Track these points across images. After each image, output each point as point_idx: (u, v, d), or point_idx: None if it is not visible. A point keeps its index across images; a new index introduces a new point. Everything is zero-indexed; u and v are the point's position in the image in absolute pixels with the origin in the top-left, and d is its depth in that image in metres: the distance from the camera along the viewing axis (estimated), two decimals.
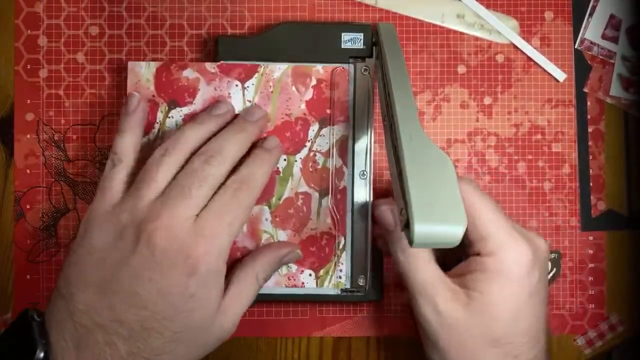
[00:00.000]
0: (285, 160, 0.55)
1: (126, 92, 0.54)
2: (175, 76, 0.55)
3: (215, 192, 0.48)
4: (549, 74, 0.58)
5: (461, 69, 0.58)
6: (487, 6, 0.58)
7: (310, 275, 0.55)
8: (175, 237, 0.45)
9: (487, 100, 0.58)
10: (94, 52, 0.57)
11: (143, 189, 0.47)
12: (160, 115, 0.54)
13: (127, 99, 0.52)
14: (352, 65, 0.55)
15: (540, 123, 0.58)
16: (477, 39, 0.58)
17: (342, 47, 0.55)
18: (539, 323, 0.48)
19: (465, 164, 0.57)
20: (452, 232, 0.38)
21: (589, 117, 0.58)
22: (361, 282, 0.55)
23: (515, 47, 0.58)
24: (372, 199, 0.54)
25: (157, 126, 0.54)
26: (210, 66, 0.55)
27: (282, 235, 0.55)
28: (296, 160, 0.55)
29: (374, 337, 0.58)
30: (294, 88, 0.55)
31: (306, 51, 0.55)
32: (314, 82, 0.55)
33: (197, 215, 0.46)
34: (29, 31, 0.57)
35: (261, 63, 0.55)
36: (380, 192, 0.57)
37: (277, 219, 0.55)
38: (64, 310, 0.45)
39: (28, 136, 0.57)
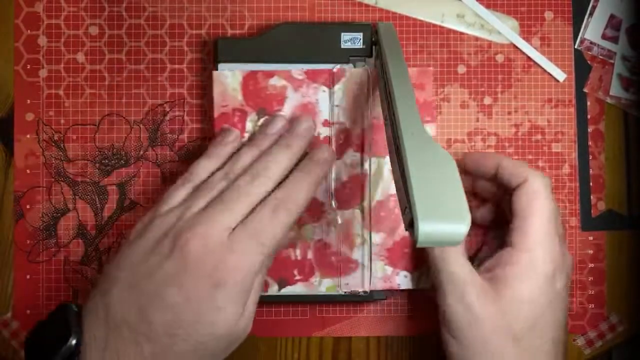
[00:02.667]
0: (376, 163, 0.55)
1: (211, 99, 0.55)
2: (262, 84, 0.55)
3: (255, 208, 0.48)
4: (549, 74, 0.58)
5: (461, 69, 0.58)
6: (487, 6, 0.58)
7: (405, 277, 0.55)
8: (208, 247, 0.45)
9: (487, 100, 0.58)
10: (94, 52, 0.57)
11: (194, 200, 0.48)
12: (249, 125, 0.54)
13: (226, 131, 0.53)
14: (352, 65, 0.55)
15: (540, 123, 0.58)
16: (477, 39, 0.58)
17: (342, 47, 0.55)
18: (558, 330, 0.50)
19: None
20: (456, 231, 0.38)
21: (589, 117, 0.58)
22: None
23: (515, 47, 0.58)
24: None
25: (247, 135, 0.54)
26: (297, 73, 0.55)
27: (376, 238, 0.55)
28: (386, 163, 0.55)
29: (374, 337, 0.58)
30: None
31: (306, 51, 0.55)
32: None
33: (234, 230, 0.47)
34: (28, 31, 0.57)
35: (346, 67, 0.55)
36: None
37: (370, 222, 0.55)
38: (99, 303, 0.46)
39: (28, 136, 0.57)
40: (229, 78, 0.54)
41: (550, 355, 0.49)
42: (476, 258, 0.56)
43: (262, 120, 0.54)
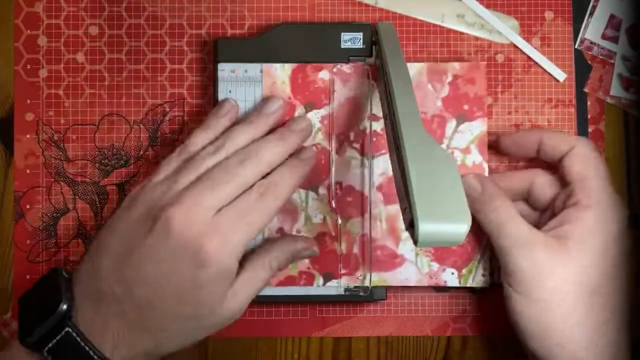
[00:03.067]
0: None
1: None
2: (311, 78, 0.55)
3: (242, 193, 0.49)
4: (549, 73, 0.58)
5: None
6: (487, 6, 0.58)
7: (452, 273, 0.55)
8: (192, 225, 0.46)
9: (487, 100, 0.58)
10: (94, 52, 0.57)
11: (182, 174, 0.49)
12: (296, 115, 0.55)
13: (223, 102, 0.53)
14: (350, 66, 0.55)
15: (540, 123, 0.58)
16: (477, 39, 0.58)
17: (342, 47, 0.55)
18: (629, 284, 0.50)
19: None
20: (456, 231, 0.38)
21: (589, 117, 0.58)
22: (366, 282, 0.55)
23: (515, 47, 0.58)
24: None
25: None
26: (346, 67, 0.55)
27: None
28: None
29: (374, 337, 0.58)
30: (429, 86, 0.55)
31: (306, 51, 0.55)
32: (449, 78, 0.55)
33: (219, 211, 0.47)
34: (28, 31, 0.57)
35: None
36: None
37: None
38: (90, 272, 0.47)
39: (28, 136, 0.57)
40: (278, 70, 0.55)
41: (625, 308, 0.49)
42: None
43: (309, 114, 0.55)
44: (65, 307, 0.46)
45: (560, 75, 0.58)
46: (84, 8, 0.57)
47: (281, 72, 0.55)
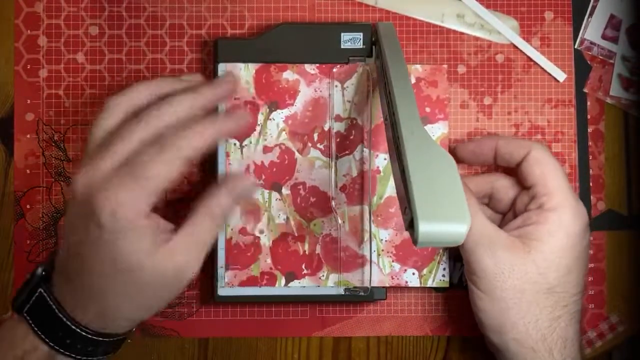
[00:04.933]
0: (385, 159, 0.55)
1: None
2: (275, 78, 0.55)
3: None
4: (549, 74, 0.58)
5: (461, 69, 0.58)
6: (487, 6, 0.58)
7: (413, 274, 0.55)
8: (89, 187, 0.46)
9: (487, 100, 0.58)
10: (94, 52, 0.57)
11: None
12: (261, 117, 0.55)
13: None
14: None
15: (540, 123, 0.58)
16: (477, 39, 0.58)
17: (342, 47, 0.55)
18: (584, 279, 0.52)
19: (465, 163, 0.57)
20: (456, 231, 0.39)
21: (589, 117, 0.58)
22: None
23: (515, 47, 0.58)
24: None
25: (258, 128, 0.55)
26: (310, 67, 0.55)
27: (384, 235, 0.55)
28: None
29: (374, 337, 0.58)
30: None
31: (306, 51, 0.55)
32: (412, 80, 0.55)
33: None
34: (29, 31, 0.57)
35: (360, 62, 0.55)
36: None
37: (379, 218, 0.55)
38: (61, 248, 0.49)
39: (28, 136, 0.57)
40: (242, 70, 0.55)
41: (578, 305, 0.51)
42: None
43: (273, 114, 0.55)
44: (40, 270, 0.48)
45: (560, 75, 0.58)
46: (84, 8, 0.57)
47: (245, 72, 0.55)
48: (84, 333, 0.47)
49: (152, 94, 0.48)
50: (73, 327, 0.47)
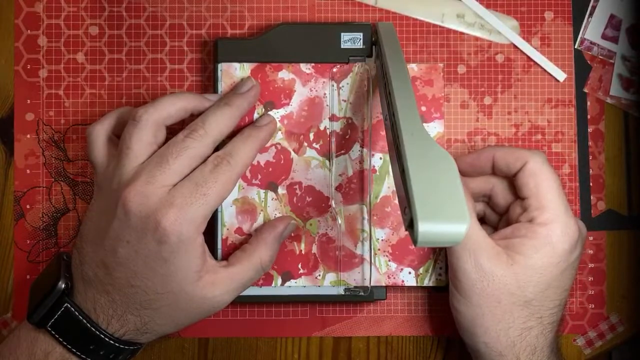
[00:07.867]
0: (381, 159, 0.55)
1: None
2: (270, 77, 0.55)
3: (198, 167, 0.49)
4: (549, 74, 0.58)
5: (461, 69, 0.58)
6: (487, 6, 0.58)
7: (409, 273, 0.55)
8: (148, 202, 0.47)
9: (487, 100, 0.58)
10: (94, 52, 0.57)
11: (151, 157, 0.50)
12: (256, 117, 0.55)
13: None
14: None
15: (540, 123, 0.58)
16: (477, 39, 0.58)
17: (342, 47, 0.55)
18: (565, 293, 0.52)
19: None
20: (456, 231, 0.38)
21: (589, 117, 0.58)
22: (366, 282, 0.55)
23: (515, 47, 0.58)
24: None
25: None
26: (305, 67, 0.55)
27: (380, 234, 0.55)
28: None
29: (374, 337, 0.58)
30: None
31: (306, 51, 0.55)
32: None
33: (175, 185, 0.48)
34: (29, 31, 0.57)
35: (356, 62, 0.55)
36: None
37: (375, 218, 0.55)
38: (77, 258, 0.50)
39: (28, 136, 0.57)
40: (238, 70, 0.55)
41: (554, 317, 0.51)
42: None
43: (269, 113, 0.55)
44: (62, 285, 0.49)
45: (560, 75, 0.58)
46: (84, 8, 0.57)
47: (240, 72, 0.55)
48: (112, 341, 0.48)
49: (181, 108, 0.51)
50: (106, 338, 0.48)
